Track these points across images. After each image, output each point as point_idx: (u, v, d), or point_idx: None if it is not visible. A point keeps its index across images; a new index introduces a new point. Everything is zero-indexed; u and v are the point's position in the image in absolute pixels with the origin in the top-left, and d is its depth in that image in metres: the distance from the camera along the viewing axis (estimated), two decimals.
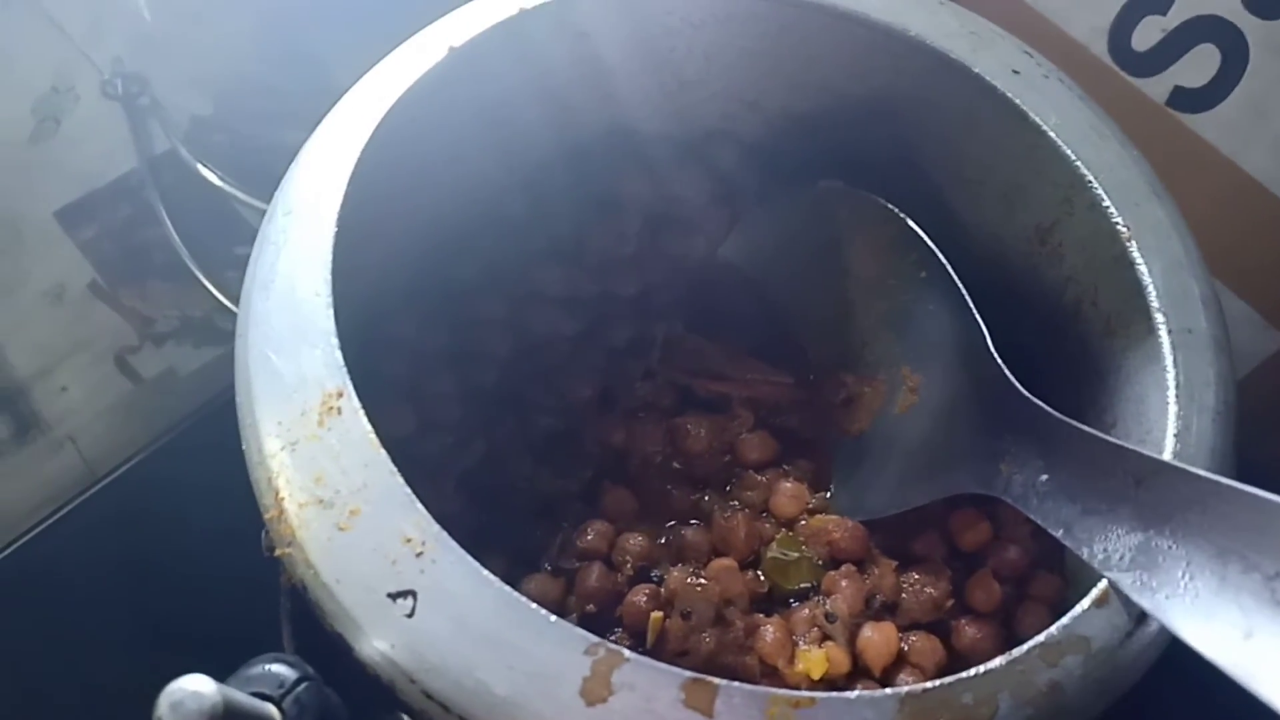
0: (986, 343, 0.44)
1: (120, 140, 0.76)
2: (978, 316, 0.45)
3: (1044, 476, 0.38)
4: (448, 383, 0.48)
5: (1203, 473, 0.33)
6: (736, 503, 0.47)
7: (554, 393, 0.50)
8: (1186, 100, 0.60)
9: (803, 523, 0.46)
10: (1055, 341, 0.50)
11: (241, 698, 0.30)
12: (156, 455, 0.69)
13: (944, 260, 0.48)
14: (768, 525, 0.46)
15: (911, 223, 0.50)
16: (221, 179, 0.76)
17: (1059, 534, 0.36)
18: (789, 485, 0.47)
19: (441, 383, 0.48)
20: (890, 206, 0.51)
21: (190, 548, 0.59)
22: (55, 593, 0.63)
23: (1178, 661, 0.34)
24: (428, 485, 0.44)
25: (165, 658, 0.60)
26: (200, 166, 0.76)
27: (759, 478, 0.48)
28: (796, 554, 0.44)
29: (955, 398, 0.45)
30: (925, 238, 0.49)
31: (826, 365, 0.52)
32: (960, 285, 0.47)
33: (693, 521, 0.47)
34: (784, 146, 0.57)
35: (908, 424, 0.48)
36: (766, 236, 0.55)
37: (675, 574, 0.43)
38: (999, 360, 0.43)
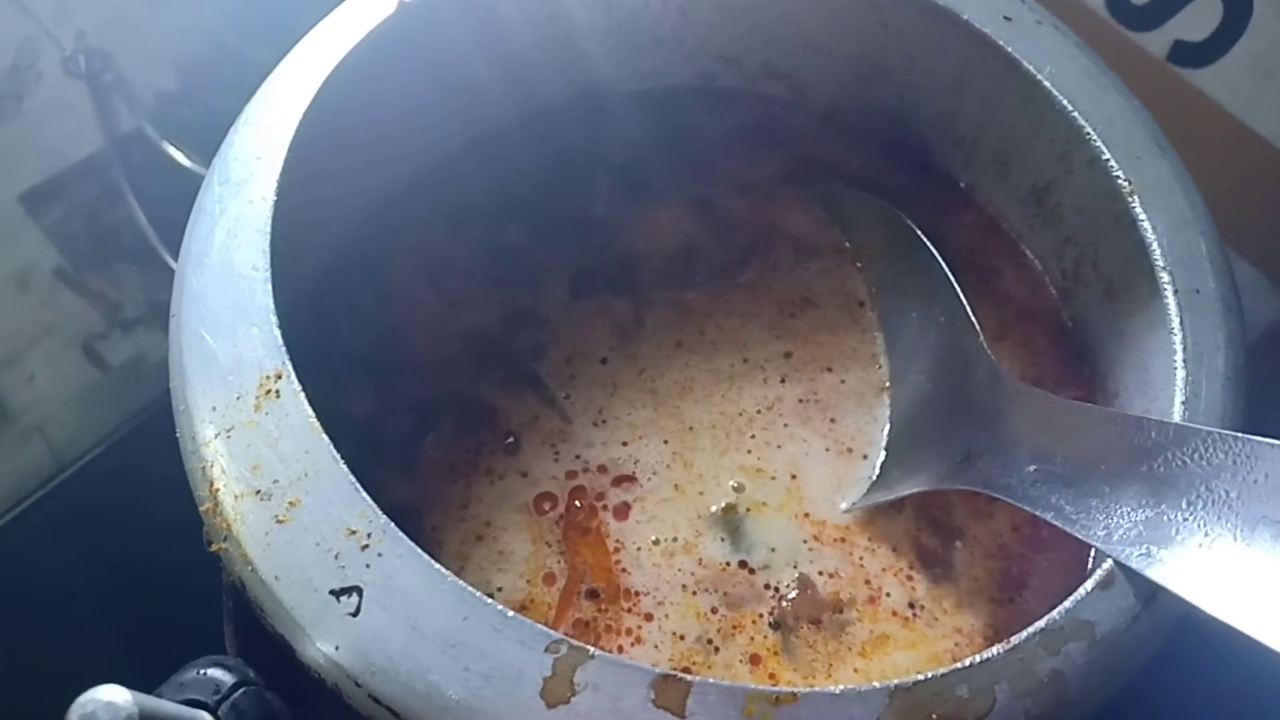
0: (980, 342, 0.42)
1: (85, 119, 0.74)
2: (973, 318, 0.43)
3: (1031, 467, 0.36)
4: (411, 353, 0.45)
5: (1240, 435, 0.31)
6: None
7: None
8: (1188, 55, 0.58)
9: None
10: (1055, 309, 0.48)
11: (167, 707, 0.27)
12: (123, 443, 0.67)
13: (942, 262, 0.46)
14: None
15: (910, 223, 0.48)
16: (189, 158, 0.74)
17: (1049, 517, 0.34)
18: None
19: (404, 353, 0.45)
20: (891, 207, 0.49)
21: (157, 539, 0.57)
22: (19, 587, 0.61)
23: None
24: (389, 470, 0.42)
25: (128, 651, 0.59)
26: (168, 145, 0.74)
27: None
28: None
29: (940, 397, 0.44)
30: (924, 238, 0.47)
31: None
32: (958, 288, 0.44)
33: None
34: (770, 110, 0.55)
35: (894, 421, 0.46)
36: None
37: None
38: (993, 357, 0.41)
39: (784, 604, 0.41)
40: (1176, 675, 0.36)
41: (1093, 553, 0.40)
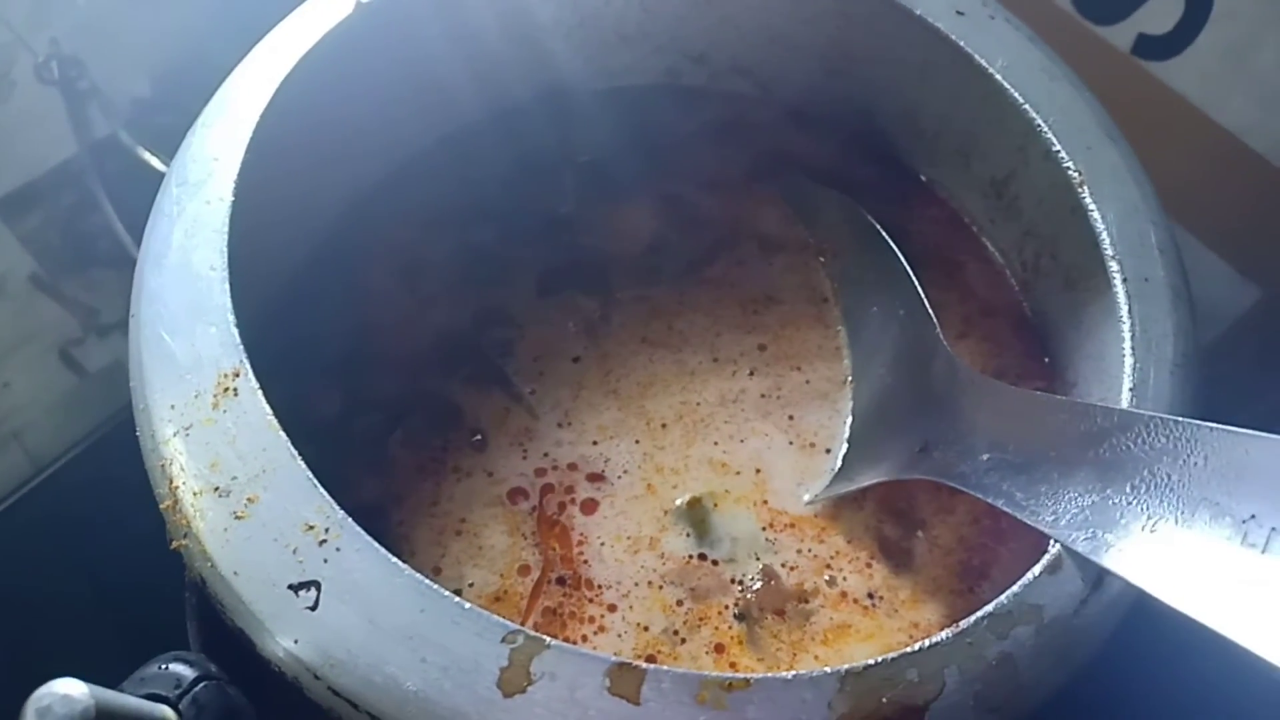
0: (937, 334, 0.43)
1: (59, 126, 0.74)
2: (931, 312, 0.44)
3: (985, 456, 0.36)
4: (379, 351, 0.45)
5: (1182, 419, 0.31)
6: None
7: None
8: (1152, 48, 0.58)
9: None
10: (1016, 301, 0.49)
11: (127, 700, 0.28)
12: (99, 448, 0.67)
13: (900, 256, 0.46)
14: None
15: (870, 218, 0.48)
16: (165, 163, 0.74)
17: (1001, 504, 0.35)
18: None
19: (372, 351, 0.45)
20: (853, 203, 0.50)
21: (133, 542, 0.57)
22: None
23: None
24: (357, 467, 0.43)
25: (102, 652, 0.59)
26: (143, 151, 0.74)
27: None
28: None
29: (899, 389, 0.44)
30: (884, 233, 0.48)
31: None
32: (915, 281, 0.45)
33: None
34: (736, 106, 0.55)
35: (856, 414, 0.46)
36: None
37: None
38: (949, 349, 0.42)
39: (749, 595, 0.41)
40: (1132, 662, 0.37)
41: (1050, 542, 0.41)
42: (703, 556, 0.42)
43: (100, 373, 0.72)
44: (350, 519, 0.31)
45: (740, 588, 0.41)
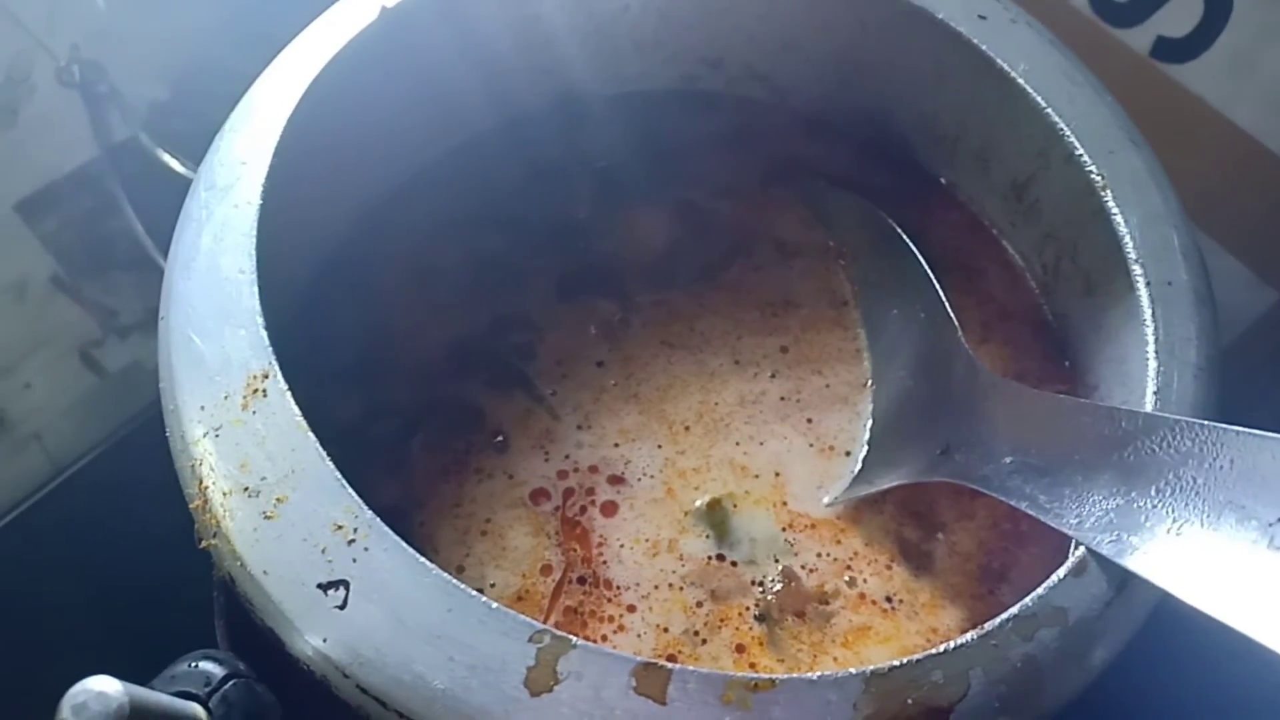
0: (958, 338, 0.43)
1: (79, 129, 0.74)
2: (952, 315, 0.44)
3: (1008, 459, 0.36)
4: (398, 355, 0.46)
5: (1207, 422, 0.31)
6: None
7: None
8: (1170, 50, 0.58)
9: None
10: (1036, 305, 0.49)
11: (159, 698, 0.28)
12: (120, 449, 0.67)
13: (922, 260, 0.47)
14: None
15: (891, 221, 0.49)
16: (184, 165, 0.74)
17: (1024, 506, 0.35)
18: None
19: (391, 355, 0.45)
20: (872, 206, 0.50)
21: (154, 543, 0.58)
22: (16, 590, 0.61)
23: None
24: (378, 470, 0.43)
25: (124, 652, 0.59)
26: (162, 153, 0.74)
27: None
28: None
29: (919, 392, 0.44)
30: (904, 237, 0.48)
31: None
32: (937, 285, 0.45)
33: None
34: (752, 111, 0.55)
35: (876, 417, 0.46)
36: None
37: None
38: (970, 352, 0.42)
39: (769, 597, 0.41)
40: (1153, 664, 0.37)
41: (1072, 545, 0.41)
42: (722, 558, 0.42)
43: (120, 374, 0.73)
44: (379, 519, 0.32)
45: (760, 589, 0.41)
